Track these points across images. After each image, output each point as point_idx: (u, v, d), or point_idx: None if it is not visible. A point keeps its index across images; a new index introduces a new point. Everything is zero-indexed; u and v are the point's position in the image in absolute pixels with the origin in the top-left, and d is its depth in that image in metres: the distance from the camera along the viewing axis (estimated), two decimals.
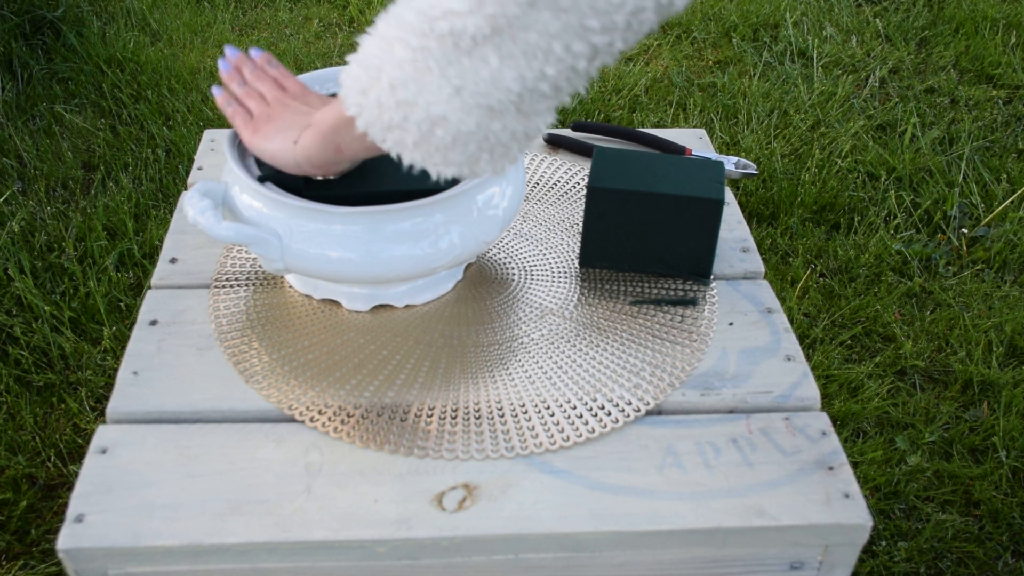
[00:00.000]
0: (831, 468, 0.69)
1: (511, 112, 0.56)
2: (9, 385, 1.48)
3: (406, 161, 0.61)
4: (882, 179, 2.05)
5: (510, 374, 0.76)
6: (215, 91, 0.80)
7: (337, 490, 0.66)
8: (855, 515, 0.66)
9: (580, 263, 0.87)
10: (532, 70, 0.53)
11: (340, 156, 0.69)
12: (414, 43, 0.55)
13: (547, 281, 0.86)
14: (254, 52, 0.82)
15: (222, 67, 0.80)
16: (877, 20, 2.73)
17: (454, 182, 0.76)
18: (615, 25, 0.51)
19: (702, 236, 0.82)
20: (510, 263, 0.88)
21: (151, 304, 0.82)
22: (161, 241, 1.74)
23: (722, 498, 0.67)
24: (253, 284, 0.84)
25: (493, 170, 0.61)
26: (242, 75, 0.80)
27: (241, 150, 0.78)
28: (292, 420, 0.71)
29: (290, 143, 0.71)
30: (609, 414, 0.72)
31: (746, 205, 1.96)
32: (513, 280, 0.86)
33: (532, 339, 0.79)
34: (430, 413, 0.72)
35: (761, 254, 1.30)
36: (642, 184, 0.81)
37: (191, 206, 0.70)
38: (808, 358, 1.58)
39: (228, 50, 0.82)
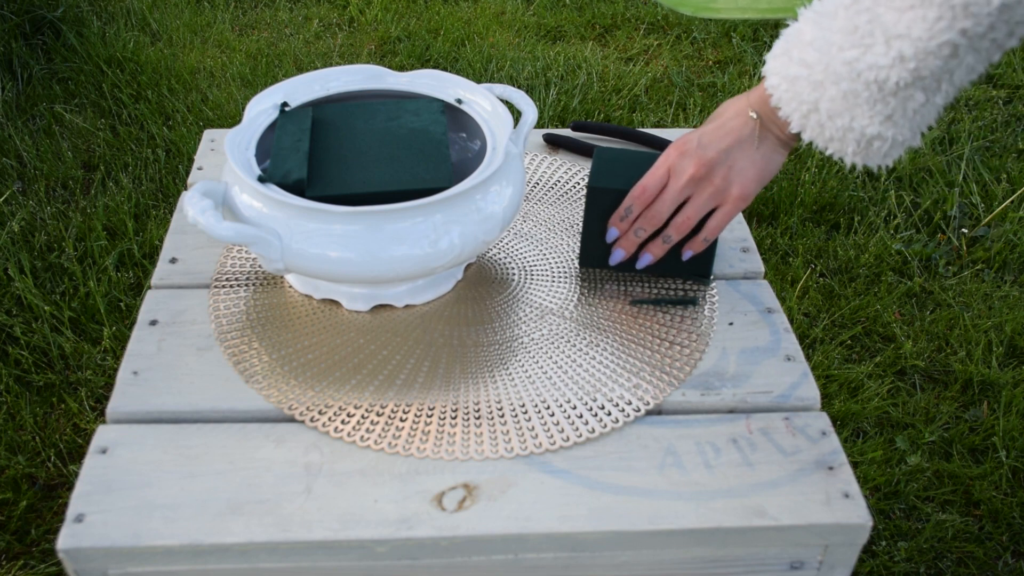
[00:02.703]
0: (831, 468, 0.69)
1: (944, 87, 0.64)
2: (9, 385, 1.48)
3: (848, 162, 0.70)
4: (882, 179, 2.05)
5: (510, 374, 0.76)
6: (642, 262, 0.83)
7: (337, 490, 0.66)
8: (855, 515, 0.66)
9: (580, 263, 0.87)
10: (956, 89, 0.63)
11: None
12: (844, 87, 0.64)
13: (547, 281, 0.86)
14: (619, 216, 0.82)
15: (645, 262, 0.82)
16: None
17: (453, 182, 0.76)
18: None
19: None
20: (510, 263, 0.88)
21: (151, 304, 0.82)
22: (161, 241, 1.74)
23: (722, 498, 0.67)
24: (253, 284, 0.84)
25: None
26: (645, 235, 0.81)
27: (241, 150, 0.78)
28: (292, 420, 0.71)
29: (760, 151, 0.75)
30: (609, 414, 0.72)
31: None
32: (513, 280, 0.86)
33: (532, 339, 0.79)
34: (430, 413, 0.72)
35: (761, 254, 1.30)
36: None
37: (191, 206, 0.70)
38: (808, 358, 1.58)
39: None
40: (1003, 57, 2.49)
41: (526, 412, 0.72)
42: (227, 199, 0.75)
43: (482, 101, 0.85)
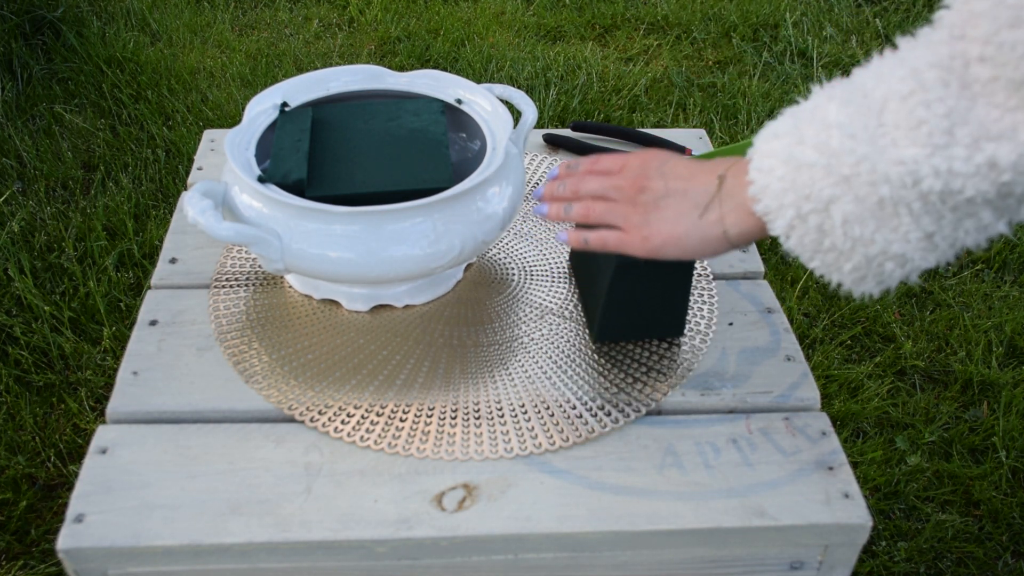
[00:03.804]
0: (831, 468, 0.69)
1: (943, 250, 0.53)
2: (9, 385, 1.48)
3: (833, 282, 0.57)
4: None
5: (510, 374, 0.76)
6: (559, 238, 0.69)
7: (337, 490, 0.66)
8: (855, 515, 0.66)
9: (597, 339, 0.79)
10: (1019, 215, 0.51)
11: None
12: (884, 192, 0.51)
13: (547, 281, 0.86)
14: (552, 172, 0.72)
15: (541, 210, 0.70)
16: (877, 20, 2.73)
17: (453, 182, 0.76)
18: None
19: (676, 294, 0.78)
20: (510, 263, 0.88)
21: (151, 304, 0.82)
22: (161, 241, 1.74)
23: (722, 498, 0.67)
24: (253, 284, 0.84)
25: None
26: (563, 195, 0.69)
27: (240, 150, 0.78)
28: (292, 420, 0.71)
29: (698, 220, 0.62)
30: (609, 414, 0.72)
31: None
32: (513, 280, 0.86)
33: (532, 339, 0.79)
34: (430, 413, 0.72)
35: (761, 254, 1.30)
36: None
37: (191, 206, 0.70)
38: (808, 358, 1.58)
39: (541, 191, 0.71)
40: None
41: (526, 412, 0.72)
42: (227, 199, 0.75)
43: (482, 101, 0.85)
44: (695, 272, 0.87)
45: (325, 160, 0.78)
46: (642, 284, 0.74)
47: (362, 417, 0.71)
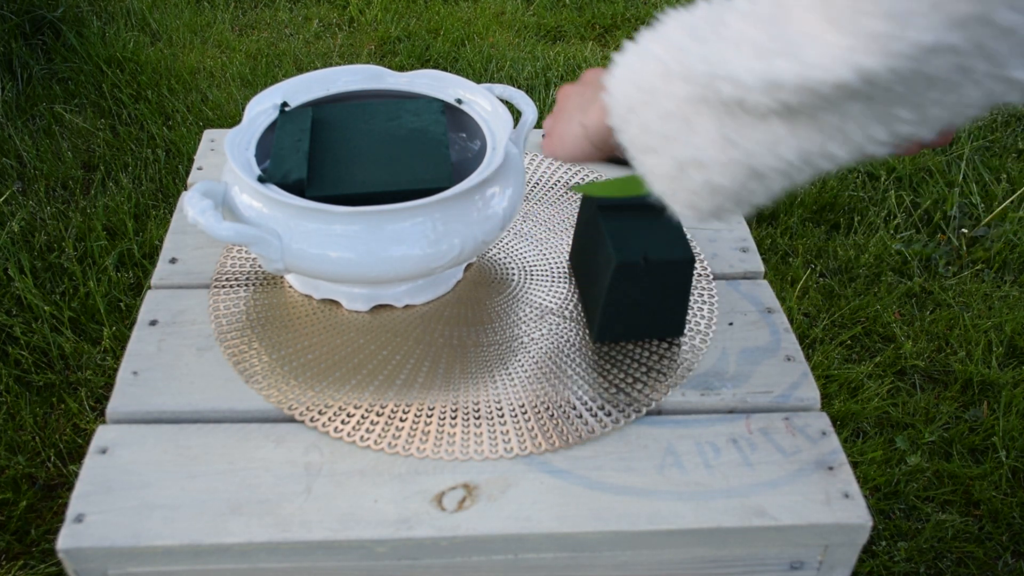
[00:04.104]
0: (831, 468, 0.69)
1: (775, 177, 0.52)
2: (9, 385, 1.48)
3: (654, 188, 0.57)
4: (882, 179, 2.05)
5: (510, 374, 0.76)
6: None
7: (337, 490, 0.66)
8: (855, 515, 0.66)
9: (597, 339, 0.79)
10: (817, 146, 0.49)
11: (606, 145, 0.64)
12: (695, 92, 0.51)
13: (547, 281, 0.85)
14: None
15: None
16: None
17: (453, 182, 0.76)
18: (929, 118, 0.46)
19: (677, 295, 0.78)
20: (510, 263, 0.88)
21: (151, 304, 0.82)
22: (161, 241, 1.74)
23: (722, 498, 0.67)
24: (253, 284, 0.84)
25: (734, 218, 0.58)
26: None
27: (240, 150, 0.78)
28: (292, 420, 0.71)
29: (579, 128, 0.64)
30: (609, 414, 0.72)
31: None
32: (513, 280, 0.86)
33: (532, 339, 0.79)
34: (430, 413, 0.72)
35: (761, 254, 1.30)
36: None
37: (191, 206, 0.70)
38: (808, 358, 1.58)
39: None
40: None
41: (526, 412, 0.72)
42: (227, 199, 0.75)
43: (482, 101, 0.85)
44: (695, 272, 0.87)
45: (325, 160, 0.78)
46: (642, 284, 0.74)
47: (362, 417, 0.71)
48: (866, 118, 0.46)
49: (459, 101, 0.86)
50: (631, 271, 0.73)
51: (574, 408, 0.73)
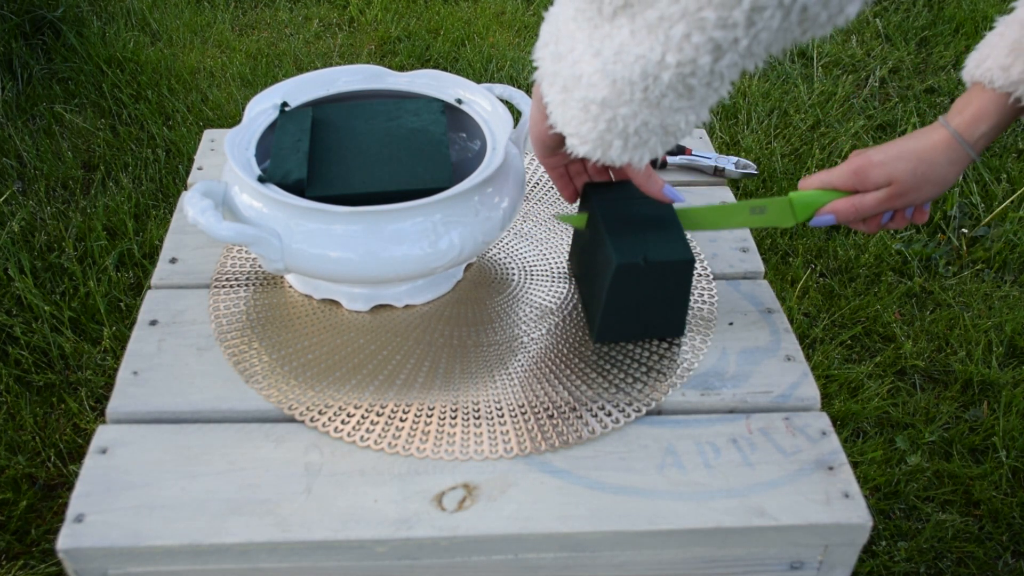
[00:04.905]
0: (831, 468, 0.69)
1: (638, 97, 0.57)
2: (9, 385, 1.48)
3: (552, 119, 0.63)
4: None
5: (510, 374, 0.76)
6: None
7: (337, 490, 0.66)
8: (855, 515, 0.66)
9: (597, 339, 0.79)
10: (655, 52, 0.54)
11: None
12: (578, 3, 0.57)
13: (547, 281, 0.85)
14: None
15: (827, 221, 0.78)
16: (877, 20, 2.73)
17: (453, 182, 0.76)
18: (734, 21, 0.51)
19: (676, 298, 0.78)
20: (510, 263, 0.88)
21: (151, 304, 0.82)
22: (161, 241, 1.74)
23: (722, 498, 0.67)
24: (253, 284, 0.84)
25: (630, 159, 0.62)
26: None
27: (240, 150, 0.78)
28: (292, 420, 0.71)
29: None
30: (609, 414, 0.72)
31: None
32: (513, 280, 0.86)
33: (532, 339, 0.79)
34: (430, 413, 0.72)
35: (761, 254, 1.30)
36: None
37: (191, 206, 0.70)
38: (808, 358, 1.58)
39: None
40: (934, 58, 2.50)
41: (526, 412, 0.72)
42: (227, 199, 0.75)
43: (482, 101, 0.85)
44: (695, 272, 0.87)
45: (325, 160, 0.78)
46: (642, 285, 0.74)
47: (362, 417, 0.71)
48: (680, 19, 0.52)
49: (459, 101, 0.86)
50: (631, 272, 0.73)
51: (574, 408, 0.73)
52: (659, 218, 0.76)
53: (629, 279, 0.73)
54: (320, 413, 0.71)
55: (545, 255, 0.89)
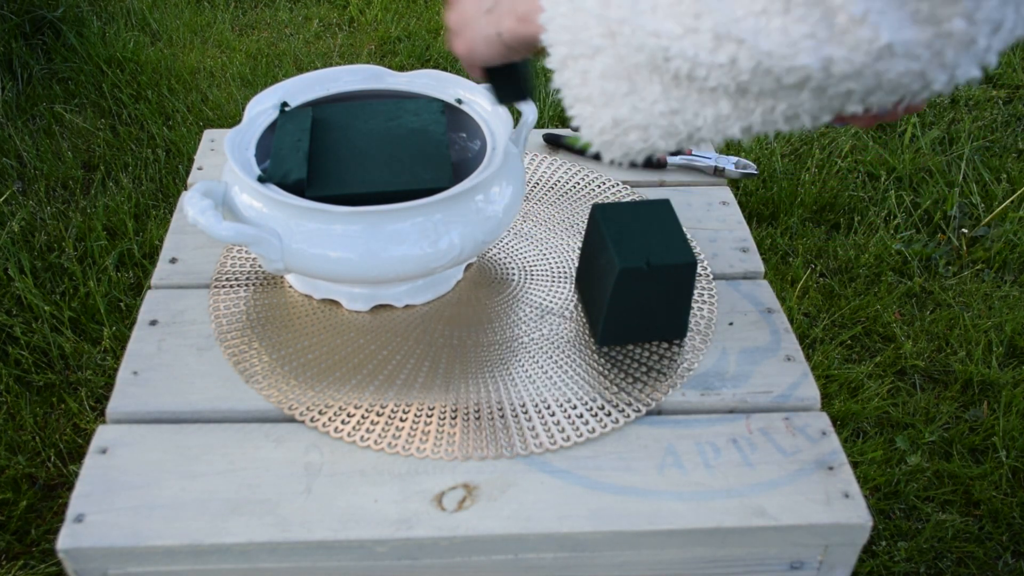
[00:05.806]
0: (831, 468, 0.69)
1: (711, 138, 0.54)
2: (9, 385, 1.48)
3: (585, 137, 0.57)
4: (882, 179, 2.05)
5: (510, 374, 0.76)
6: None
7: (337, 490, 0.66)
8: (855, 515, 0.66)
9: (600, 342, 0.79)
10: (759, 123, 0.50)
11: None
12: (645, 60, 0.50)
13: (547, 281, 0.86)
14: None
15: None
16: None
17: (453, 182, 0.76)
18: (825, 109, 0.48)
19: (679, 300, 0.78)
20: (510, 263, 0.88)
21: (151, 304, 0.82)
22: (161, 241, 1.74)
23: (722, 498, 0.67)
24: (253, 284, 0.84)
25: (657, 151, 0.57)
26: None
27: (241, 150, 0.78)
28: (292, 420, 0.71)
29: (494, 35, 0.61)
30: (609, 414, 0.72)
31: (746, 205, 1.96)
32: (513, 280, 0.86)
33: (532, 339, 0.79)
34: (430, 413, 0.72)
35: (761, 254, 1.30)
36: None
37: (191, 206, 0.70)
38: (808, 358, 1.58)
39: None
40: (1001, 58, 2.50)
41: (526, 412, 0.72)
42: (227, 199, 0.75)
43: (482, 101, 0.85)
44: (696, 273, 0.87)
45: (325, 160, 0.78)
46: (645, 288, 0.74)
47: (362, 417, 0.71)
48: (812, 103, 0.47)
49: (459, 101, 0.86)
50: (634, 276, 0.73)
51: (574, 408, 0.73)
52: (660, 223, 0.76)
53: (632, 283, 0.73)
54: (320, 413, 0.71)
55: (545, 255, 0.89)
